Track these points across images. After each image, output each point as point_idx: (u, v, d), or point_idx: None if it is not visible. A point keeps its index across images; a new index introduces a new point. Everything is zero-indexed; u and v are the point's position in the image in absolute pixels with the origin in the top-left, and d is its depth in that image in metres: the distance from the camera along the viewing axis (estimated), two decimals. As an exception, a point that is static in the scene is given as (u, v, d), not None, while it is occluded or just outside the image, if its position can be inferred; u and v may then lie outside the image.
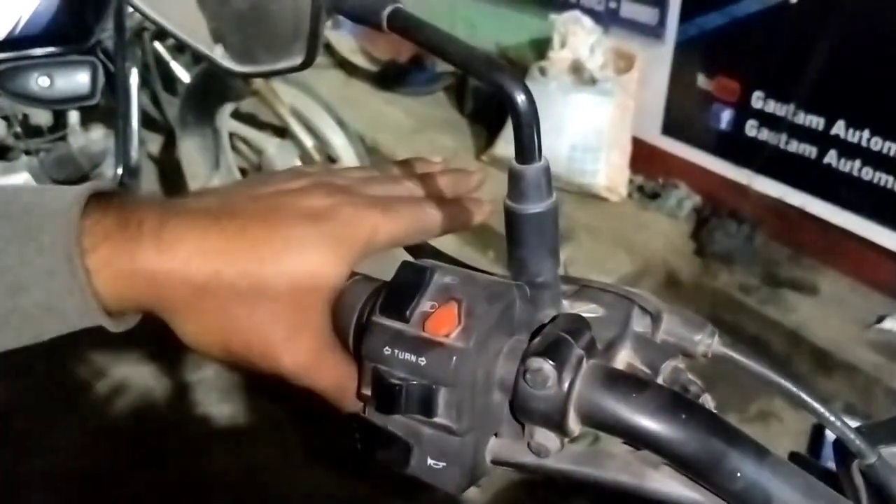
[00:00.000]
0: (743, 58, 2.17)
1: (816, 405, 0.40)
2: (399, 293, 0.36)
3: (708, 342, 0.40)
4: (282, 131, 2.10)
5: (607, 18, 2.42)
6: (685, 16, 2.23)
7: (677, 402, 0.33)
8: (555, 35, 2.41)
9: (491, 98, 2.80)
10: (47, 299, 0.34)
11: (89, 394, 1.91)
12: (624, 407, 0.33)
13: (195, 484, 1.72)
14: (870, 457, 0.40)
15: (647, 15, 2.31)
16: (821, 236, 2.12)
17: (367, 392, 0.36)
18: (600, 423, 0.34)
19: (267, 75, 0.41)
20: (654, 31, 2.31)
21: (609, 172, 2.36)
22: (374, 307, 0.36)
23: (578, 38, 2.36)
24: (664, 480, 0.36)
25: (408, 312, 0.35)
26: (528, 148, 0.34)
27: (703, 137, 2.30)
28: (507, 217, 0.36)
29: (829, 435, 0.39)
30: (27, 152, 1.92)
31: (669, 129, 2.39)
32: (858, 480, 0.41)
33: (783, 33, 2.06)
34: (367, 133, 2.67)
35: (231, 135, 2.18)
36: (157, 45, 2.05)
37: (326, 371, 0.38)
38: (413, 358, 0.34)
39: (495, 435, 0.37)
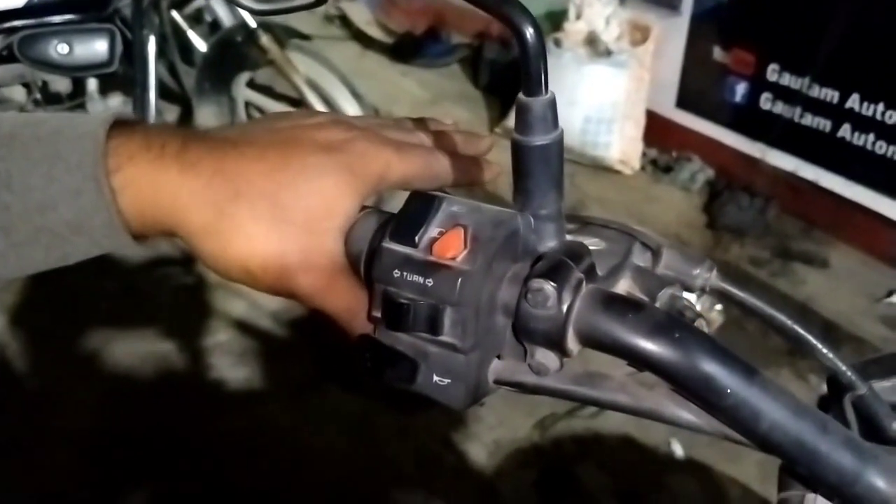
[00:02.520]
0: (758, 30, 2.16)
1: (811, 338, 0.41)
2: (408, 220, 0.37)
3: (706, 276, 0.41)
4: (297, 102, 2.12)
5: (623, -10, 2.41)
6: (701, -13, 2.22)
7: (671, 323, 0.35)
8: (570, 6, 2.41)
9: (505, 70, 2.80)
10: (75, 217, 0.36)
11: (106, 357, 1.95)
12: (620, 327, 0.35)
13: (210, 444, 1.76)
14: (860, 388, 0.42)
15: (663, -13, 2.30)
16: (833, 210, 2.12)
17: (377, 313, 0.38)
18: (598, 342, 0.36)
19: (283, 12, 0.42)
20: (670, 3, 2.30)
21: (622, 145, 2.36)
22: (384, 234, 0.38)
23: (594, 9, 2.35)
24: (659, 401, 0.38)
25: (416, 238, 0.36)
26: (534, 80, 0.35)
27: (717, 111, 2.30)
28: (513, 149, 0.37)
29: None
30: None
31: (684, 102, 2.39)
32: (850, 413, 0.43)
33: (799, 6, 2.05)
34: (382, 105, 2.68)
35: (247, 104, 2.20)
36: (175, 13, 2.07)
37: (338, 294, 0.39)
38: (421, 279, 0.36)
39: (498, 357, 0.39)
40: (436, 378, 0.37)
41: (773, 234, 2.13)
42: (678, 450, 1.75)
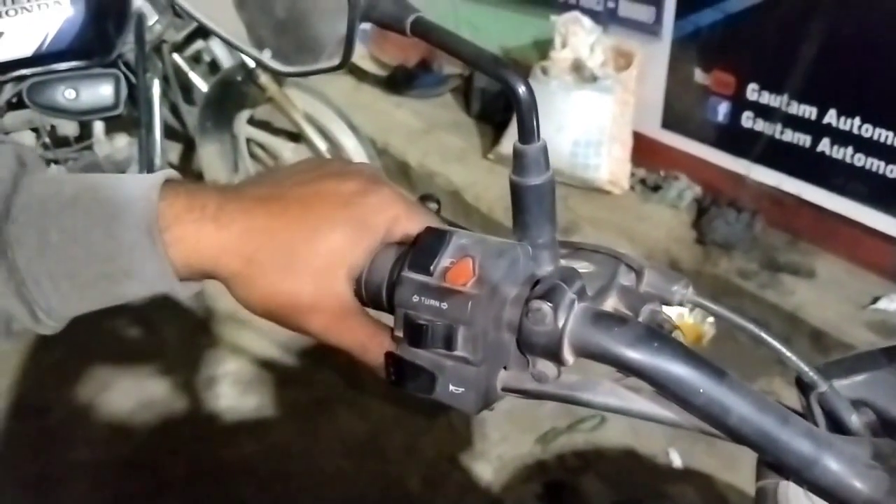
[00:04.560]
0: (737, 52, 2.24)
1: (775, 343, 0.47)
2: (424, 252, 0.44)
3: (683, 292, 0.48)
4: (296, 136, 2.19)
5: (606, 18, 2.49)
6: (680, 13, 2.31)
7: (650, 334, 0.42)
8: (556, 35, 2.49)
9: (496, 99, 2.89)
10: (129, 266, 0.43)
11: (118, 390, 2.00)
12: (607, 338, 0.41)
13: (222, 471, 1.81)
14: (821, 386, 0.48)
15: (644, 13, 2.39)
16: (817, 222, 2.19)
17: (399, 333, 0.44)
18: (589, 353, 0.42)
19: (308, 74, 0.50)
20: (651, 29, 2.38)
21: (611, 166, 2.44)
22: (403, 265, 0.44)
23: (579, 37, 2.44)
24: (644, 402, 0.44)
25: (432, 268, 0.43)
26: (528, 130, 0.43)
27: (701, 130, 2.38)
28: (512, 189, 0.44)
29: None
30: (55, 161, 2.02)
31: (669, 123, 2.47)
32: (817, 409, 0.48)
33: (774, 27, 2.13)
34: (377, 135, 2.76)
35: (248, 141, 2.27)
36: (176, 56, 2.14)
37: (348, 331, 0.46)
38: (437, 303, 0.42)
39: (505, 368, 0.45)
40: (451, 387, 0.44)
41: (760, 248, 2.20)
42: (676, 459, 1.81)
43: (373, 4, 0.45)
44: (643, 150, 2.51)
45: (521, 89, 0.42)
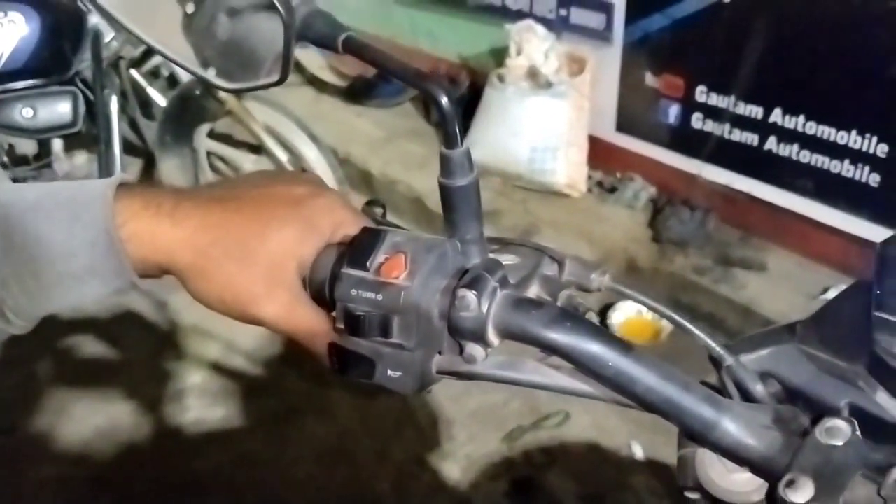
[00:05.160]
0: (685, 56, 2.32)
1: (685, 323, 0.52)
2: (360, 250, 0.48)
3: (601, 279, 0.52)
4: (257, 148, 2.21)
5: (559, 25, 2.56)
6: (630, 19, 2.38)
7: (564, 315, 0.46)
8: (511, 43, 2.55)
9: (454, 105, 2.93)
10: (91, 263, 0.46)
11: (86, 405, 2.00)
12: (526, 321, 0.46)
13: (193, 482, 1.82)
14: (728, 360, 0.52)
15: (595, 20, 2.46)
16: (768, 217, 2.27)
17: (341, 325, 0.48)
18: (512, 334, 0.46)
19: (250, 90, 0.53)
20: (602, 35, 2.45)
21: (568, 170, 2.50)
22: (343, 263, 0.48)
23: (533, 45, 2.50)
24: (564, 378, 0.48)
25: (368, 263, 0.47)
26: (452, 136, 0.47)
27: (654, 132, 2.45)
28: (441, 190, 0.49)
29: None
30: (14, 180, 2.02)
31: (623, 126, 2.54)
32: (728, 382, 0.53)
33: (719, 30, 2.21)
34: (339, 145, 2.79)
35: (208, 154, 2.29)
36: (134, 72, 2.15)
37: (298, 320, 0.49)
38: (373, 296, 0.46)
39: (440, 353, 0.49)
40: (389, 372, 0.47)
41: (714, 244, 2.27)
42: (639, 451, 1.86)
43: (307, 25, 0.49)
44: (599, 153, 2.58)
45: (444, 100, 0.46)
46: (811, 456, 0.42)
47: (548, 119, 2.47)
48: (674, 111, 2.37)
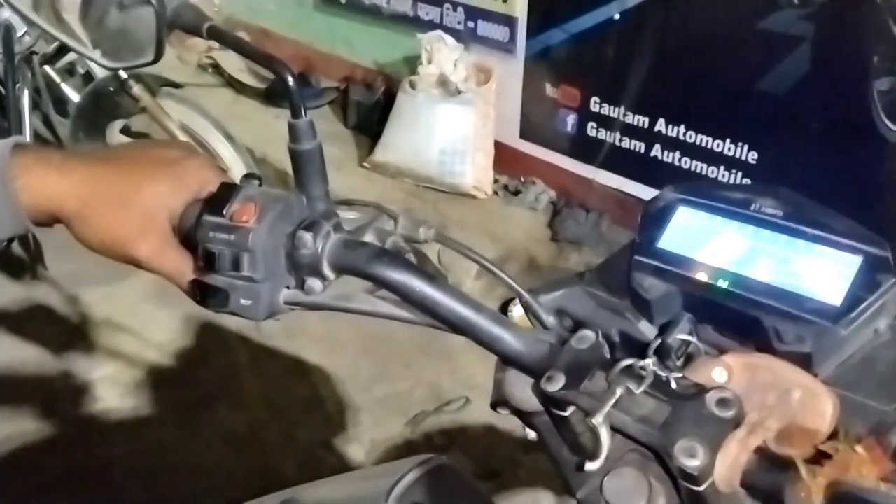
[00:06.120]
0: (581, 68, 2.50)
1: (493, 268, 0.64)
2: (219, 200, 0.58)
3: (428, 232, 0.64)
4: (171, 146, 2.26)
5: (467, 36, 2.70)
6: (531, 33, 2.55)
7: (383, 253, 0.57)
8: (423, 52, 2.68)
9: (370, 111, 3.05)
10: None
11: (-4, 396, 2.01)
12: (353, 257, 0.57)
13: (104, 471, 1.85)
14: (524, 297, 0.64)
15: (500, 33, 2.61)
16: (655, 219, 2.45)
17: (201, 263, 0.58)
18: (342, 268, 0.58)
19: (128, 69, 0.64)
20: (506, 47, 2.61)
21: (475, 173, 2.64)
22: (204, 211, 0.59)
23: (443, 54, 2.64)
24: (388, 306, 0.60)
25: (224, 211, 0.57)
26: (296, 108, 0.58)
27: (553, 139, 2.62)
28: (290, 154, 0.60)
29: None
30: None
31: (526, 133, 2.70)
32: (528, 314, 0.65)
33: (611, 46, 2.39)
34: (257, 146, 2.85)
35: (123, 150, 2.33)
36: (47, 68, 2.17)
37: (168, 259, 0.58)
38: (226, 236, 0.56)
39: (288, 288, 0.60)
40: (242, 301, 0.58)
41: (607, 243, 2.45)
42: (531, 433, 2.00)
43: (177, 14, 0.60)
44: (504, 157, 2.73)
45: (289, 78, 0.58)
46: (566, 357, 0.54)
47: (456, 125, 2.61)
48: (571, 120, 2.55)
